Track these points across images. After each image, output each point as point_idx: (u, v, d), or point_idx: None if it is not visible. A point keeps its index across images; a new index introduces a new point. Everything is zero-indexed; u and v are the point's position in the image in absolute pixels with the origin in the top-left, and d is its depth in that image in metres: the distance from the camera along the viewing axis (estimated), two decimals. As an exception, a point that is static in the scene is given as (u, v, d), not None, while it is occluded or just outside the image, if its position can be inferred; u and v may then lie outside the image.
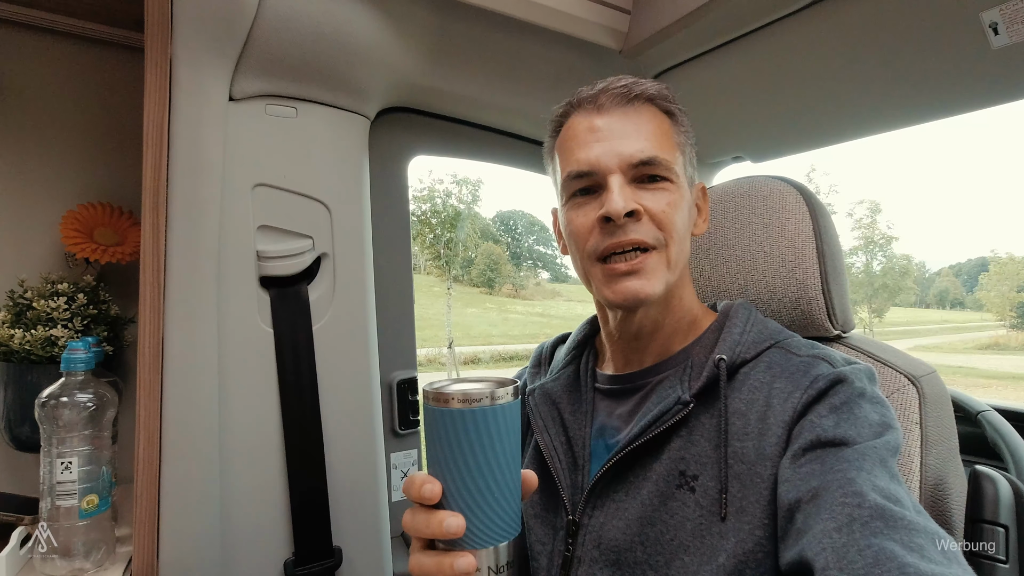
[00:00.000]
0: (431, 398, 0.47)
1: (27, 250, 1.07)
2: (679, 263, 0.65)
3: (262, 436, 0.91)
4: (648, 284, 0.62)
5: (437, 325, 25.82)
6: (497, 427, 0.46)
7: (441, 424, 0.46)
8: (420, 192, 21.55)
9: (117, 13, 1.04)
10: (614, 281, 0.63)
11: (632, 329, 0.69)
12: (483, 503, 0.46)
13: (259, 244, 0.91)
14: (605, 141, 0.63)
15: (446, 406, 0.45)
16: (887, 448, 0.52)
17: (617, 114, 0.65)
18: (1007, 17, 0.77)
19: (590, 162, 0.63)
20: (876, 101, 1.03)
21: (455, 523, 0.44)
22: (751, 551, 0.54)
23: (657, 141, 0.64)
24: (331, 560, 0.95)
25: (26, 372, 0.93)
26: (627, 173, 0.63)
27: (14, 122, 1.06)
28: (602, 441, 0.69)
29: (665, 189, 0.64)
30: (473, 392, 0.45)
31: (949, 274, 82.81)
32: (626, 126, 0.64)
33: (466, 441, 0.45)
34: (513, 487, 0.48)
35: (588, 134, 0.65)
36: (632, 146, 0.63)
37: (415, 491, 0.46)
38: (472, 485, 0.45)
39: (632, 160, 0.62)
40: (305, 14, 0.84)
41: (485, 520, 0.46)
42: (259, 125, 0.90)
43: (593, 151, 0.63)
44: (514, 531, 0.48)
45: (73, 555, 0.77)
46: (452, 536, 0.45)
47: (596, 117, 0.65)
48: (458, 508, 0.46)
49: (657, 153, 0.63)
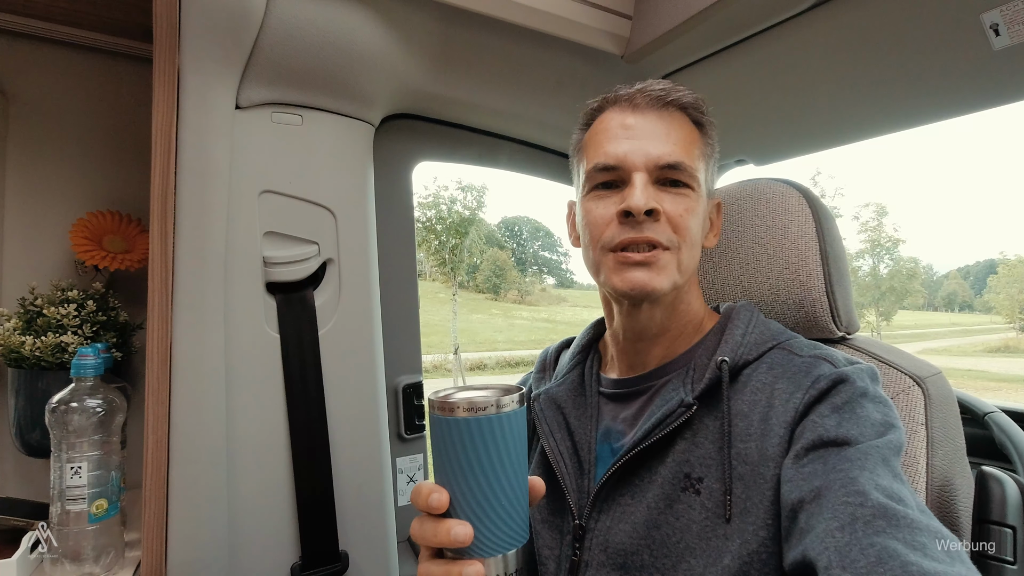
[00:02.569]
0: (436, 407, 0.46)
1: (38, 258, 1.08)
2: (689, 267, 0.66)
3: (269, 441, 0.91)
4: (657, 278, 0.63)
5: (443, 331, 25.82)
6: (503, 435, 0.45)
7: (447, 433, 0.45)
8: (425, 199, 21.61)
9: (126, 25, 1.06)
10: (624, 270, 0.64)
11: (637, 328, 0.69)
12: (491, 511, 0.45)
13: (265, 250, 0.92)
14: (636, 139, 0.65)
15: (451, 415, 0.45)
16: (890, 447, 0.52)
17: (651, 115, 0.66)
18: (1007, 18, 0.77)
19: (618, 157, 0.65)
20: (877, 103, 1.03)
21: (463, 532, 0.44)
22: (755, 552, 0.54)
23: (685, 148, 0.65)
24: (338, 564, 0.95)
25: (37, 378, 0.94)
26: (652, 173, 0.64)
27: (26, 132, 1.08)
28: (607, 445, 0.69)
29: (685, 195, 0.65)
30: (478, 400, 0.45)
31: (957, 277, 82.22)
32: (657, 128, 0.65)
33: (472, 450, 0.45)
34: (520, 494, 0.47)
35: (620, 130, 0.66)
36: (661, 148, 0.64)
37: (422, 500, 0.46)
38: (479, 493, 0.45)
39: (659, 162, 0.64)
40: (310, 23, 0.85)
41: (493, 528, 0.46)
42: (265, 133, 0.91)
43: (623, 147, 0.65)
44: (522, 538, 0.48)
45: (83, 559, 0.78)
46: (460, 545, 0.44)
47: (630, 115, 0.67)
48: (465, 516, 0.45)
49: (683, 159, 0.64)
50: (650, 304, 0.66)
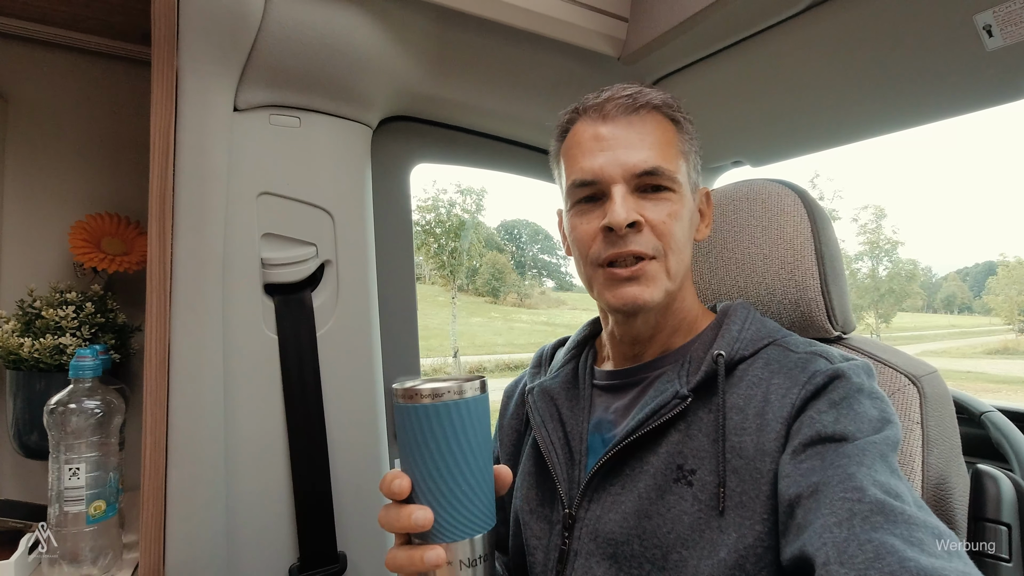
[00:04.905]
0: (399, 395, 0.48)
1: (37, 260, 1.08)
2: (679, 272, 0.66)
3: (267, 442, 0.92)
4: (647, 291, 0.64)
5: (442, 335, 25.81)
6: (462, 420, 0.47)
7: (408, 420, 0.47)
8: (424, 202, 21.63)
9: (124, 28, 1.06)
10: (615, 286, 0.65)
11: (632, 332, 0.70)
12: (451, 496, 0.46)
13: (263, 252, 0.92)
14: (609, 151, 0.64)
15: (412, 402, 0.47)
16: (887, 443, 0.52)
17: (622, 123, 0.65)
18: (1000, 19, 0.77)
19: (594, 171, 0.64)
20: (873, 105, 1.03)
21: (423, 516, 0.46)
22: (751, 546, 0.54)
23: (661, 150, 0.64)
24: (336, 565, 0.95)
25: (35, 380, 0.94)
26: (630, 183, 0.64)
27: (25, 135, 1.08)
28: (599, 436, 0.69)
29: (667, 199, 0.64)
30: (439, 387, 0.47)
31: (956, 279, 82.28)
32: (630, 135, 0.64)
33: (430, 435, 0.46)
34: (482, 480, 0.48)
35: (593, 142, 0.65)
36: (636, 156, 0.63)
37: (385, 487, 0.47)
38: (439, 478, 0.46)
39: (635, 170, 0.63)
40: (308, 25, 0.86)
41: (454, 513, 0.47)
42: (263, 135, 0.92)
43: (597, 160, 0.64)
44: (486, 525, 0.48)
45: (81, 560, 0.78)
46: (420, 529, 0.45)
47: (601, 125, 0.66)
48: (426, 502, 0.47)
49: (660, 163, 0.63)
50: (644, 314, 0.67)
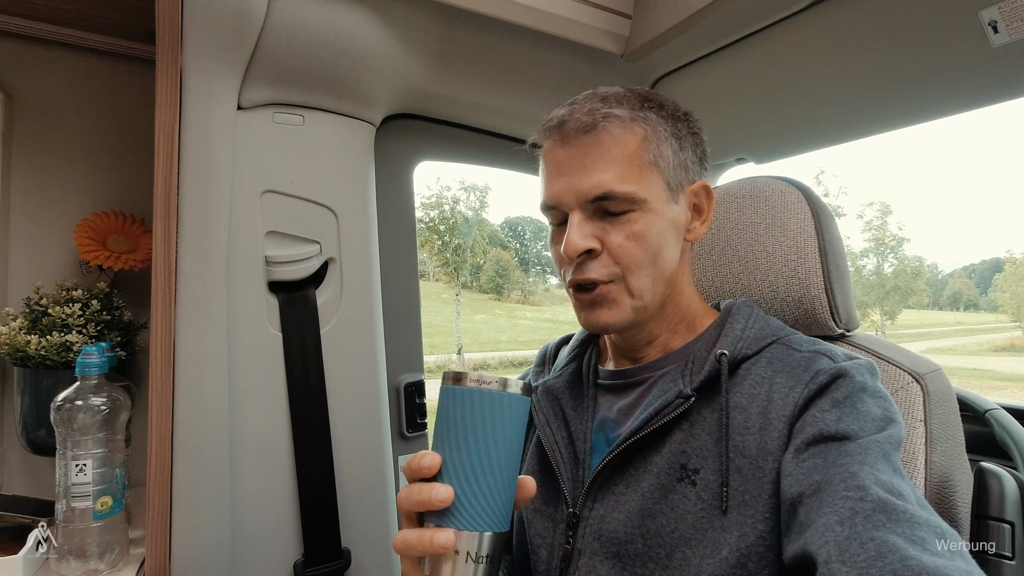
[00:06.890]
0: (449, 379, 0.50)
1: (43, 258, 1.09)
2: (647, 287, 0.64)
3: (271, 439, 0.92)
4: (610, 313, 0.65)
5: (446, 332, 25.83)
6: (503, 413, 0.48)
7: (452, 401, 0.49)
8: (428, 199, 21.64)
9: (129, 27, 1.07)
10: (582, 309, 0.67)
11: (628, 342, 0.71)
12: (474, 481, 0.47)
13: (267, 249, 0.93)
14: (566, 176, 0.64)
15: (459, 384, 0.48)
16: (890, 442, 0.52)
17: (580, 144, 0.63)
18: (1006, 15, 0.77)
19: (554, 197, 0.65)
20: (877, 101, 1.03)
21: (444, 491, 0.46)
22: (753, 544, 0.54)
23: (620, 170, 0.62)
24: (340, 561, 0.96)
25: (42, 377, 0.95)
26: (586, 209, 0.63)
27: (31, 134, 1.09)
28: (603, 435, 0.69)
29: (628, 220, 0.63)
30: (487, 377, 0.48)
31: (962, 275, 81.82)
32: (586, 159, 0.63)
33: (469, 418, 0.48)
34: (508, 477, 0.49)
35: (554, 167, 0.66)
36: (589, 180, 0.62)
37: (415, 462, 0.48)
38: (467, 461, 0.47)
39: (588, 196, 0.62)
40: (311, 24, 0.86)
41: (473, 500, 0.47)
42: (267, 133, 0.92)
43: (556, 186, 0.65)
44: (501, 526, 0.49)
45: (88, 556, 0.78)
46: (439, 504, 0.46)
47: (560, 148, 0.65)
48: (450, 482, 0.47)
49: (614, 187, 0.61)
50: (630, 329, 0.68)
